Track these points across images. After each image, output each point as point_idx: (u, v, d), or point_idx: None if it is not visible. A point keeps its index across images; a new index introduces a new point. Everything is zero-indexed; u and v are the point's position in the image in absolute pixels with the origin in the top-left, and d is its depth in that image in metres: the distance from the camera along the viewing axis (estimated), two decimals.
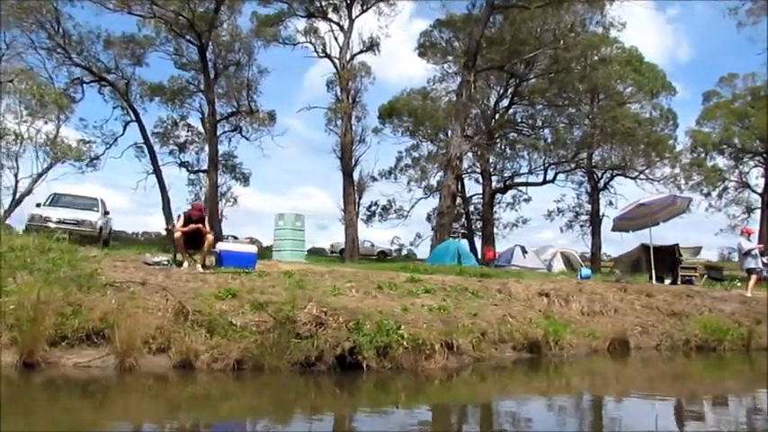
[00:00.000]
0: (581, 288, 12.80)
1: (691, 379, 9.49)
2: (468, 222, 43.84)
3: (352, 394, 6.67)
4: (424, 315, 8.88)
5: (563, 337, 9.79)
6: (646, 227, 15.43)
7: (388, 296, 9.73)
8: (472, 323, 9.22)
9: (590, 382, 8.65)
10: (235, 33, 35.78)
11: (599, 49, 36.13)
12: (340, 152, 36.83)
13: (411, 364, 7.33)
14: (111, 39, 33.87)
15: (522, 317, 10.48)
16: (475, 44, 26.88)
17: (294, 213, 23.80)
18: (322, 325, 7.20)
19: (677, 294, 12.95)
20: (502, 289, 12.14)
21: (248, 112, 36.19)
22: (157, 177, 35.52)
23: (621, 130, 35.74)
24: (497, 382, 7.94)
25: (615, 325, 11.50)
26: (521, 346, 9.40)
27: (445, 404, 6.83)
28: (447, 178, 26.52)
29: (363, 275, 11.21)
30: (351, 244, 36.22)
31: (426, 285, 10.94)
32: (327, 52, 37.07)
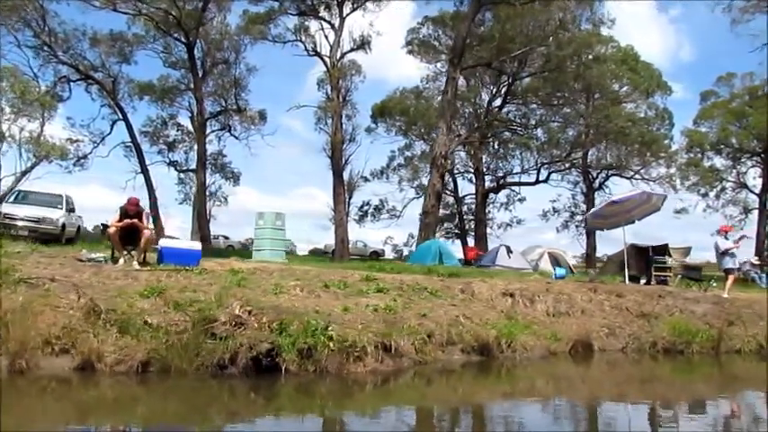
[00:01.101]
0: (548, 288, 12.35)
1: (647, 383, 9.00)
2: (461, 222, 43.39)
3: (252, 401, 6.18)
4: (365, 315, 8.46)
5: (516, 338, 9.33)
6: (620, 225, 14.98)
7: (333, 295, 9.32)
8: (419, 324, 8.80)
9: (532, 385, 8.17)
10: (224, 31, 35.42)
11: (592, 48, 35.54)
12: (330, 151, 36.49)
13: (336, 367, 6.88)
14: (97, 37, 33.57)
15: (478, 318, 10.05)
16: (461, 41, 26.44)
17: (274, 212, 23.34)
18: (241, 325, 6.77)
19: (649, 295, 12.48)
20: (465, 289, 11.71)
21: (236, 111, 35.79)
22: (145, 176, 35.20)
23: (615, 130, 35.25)
24: (428, 387, 7.47)
25: (580, 326, 11.07)
26: (470, 349, 8.96)
27: (339, 413, 6.27)
28: (432, 177, 26.05)
29: (315, 274, 10.81)
30: (341, 244, 35.73)
31: (380, 285, 10.53)
32: (318, 51, 36.66)
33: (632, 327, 11.45)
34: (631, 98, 40.79)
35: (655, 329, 11.22)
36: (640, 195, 14.52)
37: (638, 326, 11.47)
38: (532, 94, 38.84)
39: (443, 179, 27.66)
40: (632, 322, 11.60)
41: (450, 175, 43.74)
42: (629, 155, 39.51)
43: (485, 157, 41.54)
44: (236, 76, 34.90)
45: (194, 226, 37.38)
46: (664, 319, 11.57)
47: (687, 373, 10.20)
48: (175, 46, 35.92)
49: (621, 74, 40.47)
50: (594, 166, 42.41)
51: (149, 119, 38.18)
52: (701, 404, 7.66)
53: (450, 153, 26.71)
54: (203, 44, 35.17)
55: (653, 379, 9.39)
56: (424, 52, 36.32)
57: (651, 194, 14.95)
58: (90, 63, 33.60)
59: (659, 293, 12.54)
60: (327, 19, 36.40)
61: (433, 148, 26.89)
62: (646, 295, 12.45)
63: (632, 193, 15.40)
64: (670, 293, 12.65)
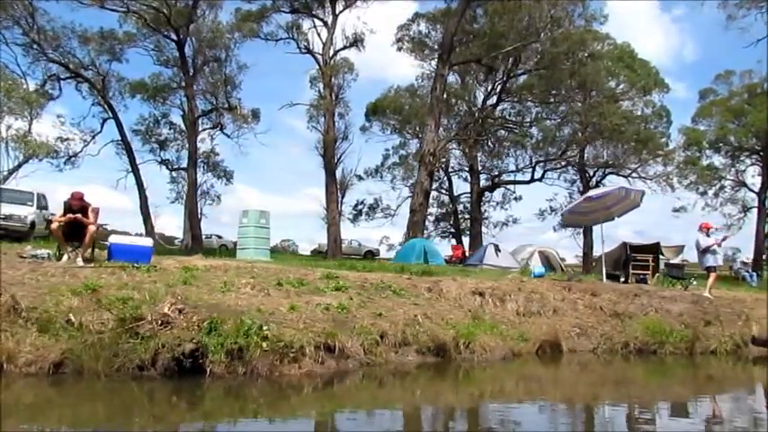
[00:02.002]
0: (521, 287, 11.98)
1: (609, 385, 8.62)
2: (455, 221, 43.03)
3: (157, 406, 5.75)
4: (312, 314, 8.11)
5: (475, 339, 8.95)
6: (598, 222, 14.61)
7: (284, 293, 8.98)
8: (372, 324, 8.45)
9: (480, 388, 7.78)
10: (215, 29, 35.10)
11: (587, 45, 35.11)
12: (322, 149, 36.20)
13: (268, 369, 6.53)
14: (87, 35, 33.31)
15: (440, 317, 9.70)
16: (450, 37, 26.08)
17: (259, 210, 23.05)
18: (168, 324, 6.42)
19: (624, 294, 12.09)
20: (432, 287, 11.35)
21: (227, 109, 35.48)
22: (135, 175, 34.97)
23: (609, 127, 34.75)
24: (362, 390, 7.01)
25: (551, 326, 10.70)
26: (426, 350, 8.59)
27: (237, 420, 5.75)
28: (420, 175, 25.70)
29: (274, 271, 10.48)
30: (333, 243, 35.43)
31: (341, 283, 10.17)
32: (310, 49, 36.35)
33: (605, 327, 11.08)
34: (628, 96, 40.38)
35: (627, 329, 10.85)
36: (618, 191, 14.12)
37: (610, 326, 11.09)
38: (527, 91, 38.49)
39: (432, 177, 27.30)
40: (605, 322, 11.23)
41: (446, 174, 43.49)
42: (625, 153, 39.00)
43: (480, 155, 41.17)
44: (226, 74, 34.48)
45: (186, 225, 37.21)
46: (638, 318, 11.19)
47: (654, 374, 9.79)
48: (167, 44, 35.60)
49: (618, 71, 40.07)
50: (591, 165, 41.93)
51: (141, 117, 38.01)
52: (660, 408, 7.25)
53: (438, 150, 26.28)
54: (194, 42, 34.85)
55: (617, 381, 9.01)
56: (418, 49, 35.98)
57: (630, 190, 14.54)
58: (79, 61, 33.36)
59: (635, 292, 12.15)
60: (320, 16, 36.20)
61: (422, 145, 26.50)
62: (621, 294, 12.06)
63: (609, 189, 15.03)
64: (646, 292, 12.25)
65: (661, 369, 10.00)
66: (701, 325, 11.14)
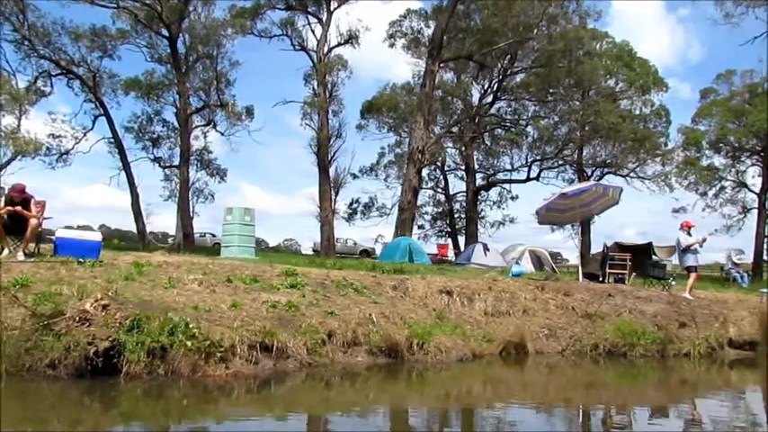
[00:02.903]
0: (491, 286, 11.62)
1: (563, 389, 8.24)
2: (451, 220, 42.63)
3: (49, 408, 5.38)
4: (255, 312, 7.78)
5: (431, 340, 8.58)
6: (575, 220, 14.22)
7: (231, 290, 8.66)
8: (321, 322, 8.11)
9: (422, 391, 7.39)
10: (208, 25, 34.79)
11: (583, 43, 34.65)
12: (316, 147, 35.90)
13: (191, 369, 6.18)
14: (78, 31, 33.07)
15: (399, 317, 9.36)
16: (440, 33, 25.72)
17: (243, 208, 22.84)
18: (87, 321, 6.09)
19: (598, 294, 11.70)
20: (398, 286, 11.04)
21: (219, 106, 35.18)
22: (126, 173, 34.66)
23: (605, 126, 34.28)
24: (286, 394, 6.56)
25: (517, 327, 10.33)
26: (378, 350, 8.22)
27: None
28: (408, 172, 25.34)
29: (231, 268, 10.14)
30: (326, 242, 35.14)
31: (298, 280, 9.85)
32: (304, 46, 36.08)
33: (575, 328, 10.70)
34: (626, 95, 39.95)
35: (598, 331, 10.46)
36: (595, 188, 13.71)
37: (581, 327, 10.72)
38: (524, 90, 38.11)
39: (421, 174, 26.93)
40: (576, 323, 10.85)
41: (442, 172, 43.15)
42: (623, 152, 38.53)
43: (476, 154, 40.79)
44: (218, 71, 34.15)
45: (178, 222, 36.92)
46: (610, 319, 10.81)
47: (618, 377, 9.39)
48: (160, 41, 35.35)
49: (616, 70, 39.65)
50: (588, 164, 41.47)
51: (134, 115, 37.74)
52: (613, 414, 6.87)
53: (427, 147, 25.90)
54: (186, 38, 34.59)
55: (577, 384, 8.63)
56: (412, 46, 35.63)
57: (608, 187, 14.14)
58: (70, 58, 33.08)
59: (610, 292, 11.76)
60: (315, 13, 35.91)
61: (411, 142, 26.15)
62: (595, 294, 11.67)
63: (584, 185, 14.65)
64: (622, 292, 11.85)
65: (628, 372, 9.61)
66: (675, 326, 10.74)
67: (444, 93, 37.68)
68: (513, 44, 30.95)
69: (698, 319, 11.14)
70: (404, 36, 32.20)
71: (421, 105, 25.78)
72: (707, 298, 13.17)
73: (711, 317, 11.36)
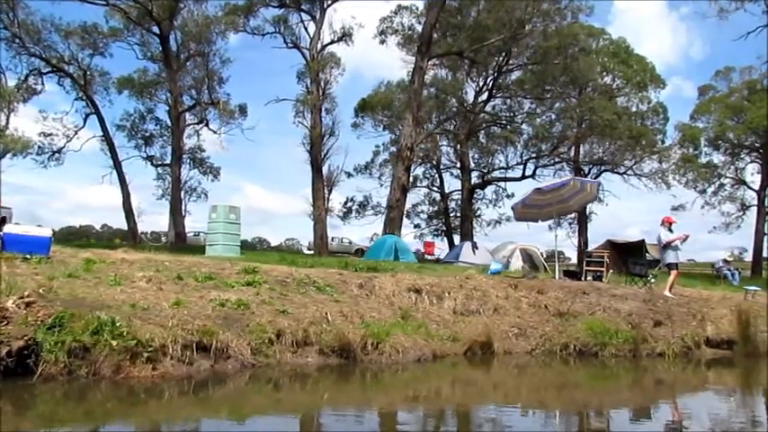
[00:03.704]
0: (462, 284, 11.29)
1: (518, 391, 7.90)
2: (446, 219, 42.30)
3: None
4: (200, 311, 7.49)
5: (388, 339, 8.25)
6: (552, 216, 13.89)
7: (179, 288, 8.37)
8: (270, 321, 7.79)
9: (367, 395, 7.04)
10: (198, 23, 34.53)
11: (578, 39, 34.27)
12: (309, 145, 35.62)
13: (114, 370, 5.87)
14: (69, 29, 32.88)
15: (359, 315, 9.04)
16: (429, 28, 25.36)
17: (228, 205, 22.56)
18: (5, 319, 5.78)
19: (573, 292, 11.35)
20: (364, 284, 10.72)
21: (210, 104, 34.92)
22: (117, 171, 34.48)
23: (600, 123, 33.87)
24: (212, 398, 6.17)
25: (487, 326, 10.01)
26: (330, 351, 7.90)
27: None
28: (397, 170, 25.00)
29: (188, 265, 9.86)
30: (319, 240, 34.85)
31: (256, 278, 9.54)
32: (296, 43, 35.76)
33: (546, 327, 10.36)
34: (623, 92, 39.54)
35: (569, 330, 10.11)
36: (572, 183, 13.35)
37: (552, 326, 10.37)
38: (518, 87, 37.74)
39: (409, 172, 26.57)
40: (548, 322, 10.51)
41: (437, 171, 42.81)
42: (619, 150, 38.11)
43: (471, 152, 40.42)
44: (208, 69, 33.90)
45: (170, 221, 36.69)
46: (583, 318, 10.45)
47: (585, 379, 9.01)
48: (153, 39, 35.11)
49: (613, 67, 39.23)
50: (585, 162, 41.07)
51: (126, 113, 37.53)
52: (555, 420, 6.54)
53: (416, 145, 25.57)
54: (177, 36, 34.37)
55: (537, 386, 8.27)
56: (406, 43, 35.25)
57: (585, 182, 13.81)
58: (60, 55, 32.89)
59: (585, 290, 11.41)
60: (308, 11, 35.58)
61: (400, 139, 25.81)
62: (569, 292, 11.32)
63: (559, 181, 14.30)
64: (597, 290, 11.50)
65: (595, 373, 9.25)
66: (649, 325, 10.38)
67: (439, 91, 37.39)
68: (506, 41, 30.60)
69: (674, 318, 10.78)
70: (395, 33, 31.81)
71: (410, 102, 25.45)
72: (689, 296, 12.81)
73: (689, 315, 10.99)
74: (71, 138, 35.00)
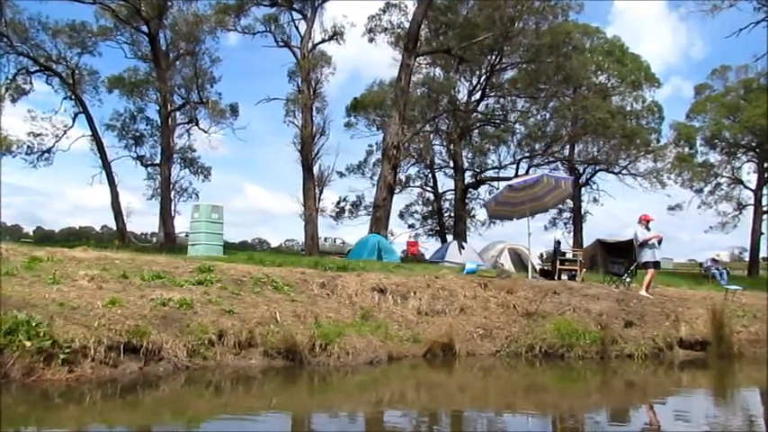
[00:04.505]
0: (429, 283, 10.97)
1: (461, 395, 7.55)
2: (440, 219, 41.94)
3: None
4: (136, 311, 7.17)
5: (338, 341, 7.93)
6: (525, 214, 13.54)
7: (122, 286, 8.07)
8: (213, 322, 7.48)
9: (300, 399, 6.69)
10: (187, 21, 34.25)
11: (571, 37, 33.91)
12: (300, 145, 35.35)
13: (25, 373, 5.55)
14: (56, 27, 32.63)
15: (313, 316, 8.71)
16: (416, 25, 24.98)
17: (210, 204, 22.27)
18: None
19: (543, 291, 11.01)
20: (326, 283, 10.41)
21: (199, 103, 34.64)
22: (106, 171, 34.20)
23: (593, 122, 33.49)
24: (116, 404, 5.74)
25: (452, 326, 9.68)
26: (276, 352, 7.57)
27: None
28: (383, 169, 24.67)
29: (139, 263, 9.54)
30: (310, 241, 34.57)
31: (209, 276, 9.23)
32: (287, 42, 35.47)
33: (513, 327, 10.04)
34: (618, 91, 39.19)
35: (536, 330, 9.77)
36: (546, 179, 12.97)
37: (520, 326, 10.04)
38: (512, 86, 37.40)
39: (396, 171, 26.21)
40: (515, 322, 10.18)
41: (430, 170, 42.46)
42: (613, 149, 37.76)
43: (465, 151, 40.06)
44: (197, 68, 33.64)
45: (160, 221, 36.39)
46: (552, 318, 10.11)
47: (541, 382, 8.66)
48: (143, 38, 34.82)
49: (607, 66, 38.90)
50: (580, 161, 40.73)
51: (116, 113, 37.24)
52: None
53: (402, 143, 25.22)
54: (166, 35, 34.10)
55: (491, 390, 7.93)
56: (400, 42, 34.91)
57: (559, 179, 13.43)
58: (47, 54, 32.63)
59: (556, 290, 11.06)
60: (300, 9, 35.29)
61: (386, 138, 25.48)
62: (540, 292, 10.98)
63: (530, 177, 13.98)
64: (569, 289, 11.15)
65: (551, 376, 8.89)
66: (620, 326, 10.04)
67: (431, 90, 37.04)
68: (497, 39, 30.27)
69: (647, 318, 10.45)
70: (384, 31, 31.47)
71: (396, 100, 25.09)
72: (669, 296, 12.47)
73: (662, 315, 10.66)
74: (60, 137, 34.73)
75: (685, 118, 42.23)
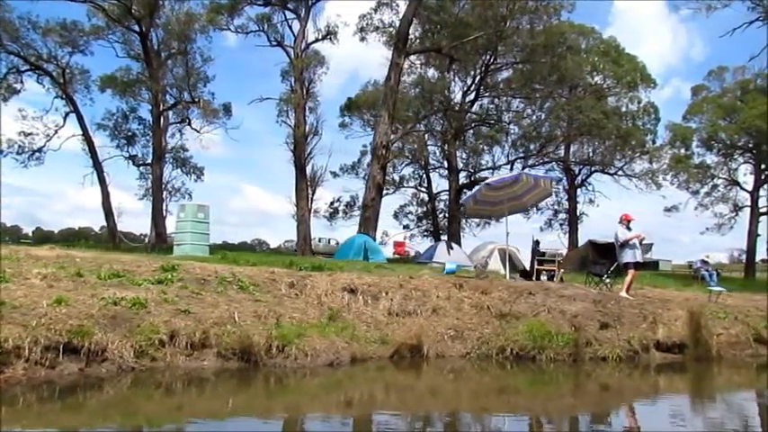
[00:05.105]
0: (402, 284, 10.73)
1: (425, 400, 7.30)
2: (434, 219, 41.71)
3: None
4: (85, 310, 6.94)
5: (298, 342, 7.69)
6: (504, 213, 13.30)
7: (73, 285, 7.84)
8: (166, 322, 7.24)
9: (239, 403, 6.42)
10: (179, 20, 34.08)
11: (565, 37, 33.69)
12: (293, 145, 35.20)
13: None
14: (48, 26, 32.44)
15: (275, 316, 8.47)
16: (406, 24, 24.81)
17: (196, 204, 22.04)
18: None
19: (519, 292, 10.76)
20: (296, 283, 10.17)
21: (191, 102, 34.44)
22: (97, 171, 33.99)
23: (587, 122, 33.24)
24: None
25: (423, 327, 9.45)
26: (231, 353, 7.33)
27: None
28: (372, 168, 24.47)
29: (101, 262, 9.34)
30: (302, 241, 34.45)
31: (171, 275, 9.00)
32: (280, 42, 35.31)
33: (485, 329, 9.78)
34: (613, 91, 38.95)
35: (508, 332, 9.51)
36: (524, 178, 12.73)
37: (492, 328, 9.79)
38: (506, 86, 37.19)
39: (385, 170, 26.02)
40: (488, 323, 9.93)
41: (425, 171, 42.25)
42: (608, 149, 37.52)
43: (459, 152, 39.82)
44: (188, 67, 33.46)
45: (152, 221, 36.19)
46: (526, 319, 9.85)
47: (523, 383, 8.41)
48: (136, 37, 34.63)
49: (603, 66, 38.64)
50: (575, 162, 40.50)
51: (109, 112, 37.01)
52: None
53: (392, 143, 25.03)
54: (158, 34, 33.94)
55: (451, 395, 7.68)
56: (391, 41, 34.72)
57: (538, 177, 13.21)
58: (38, 53, 32.44)
59: (532, 290, 10.81)
60: (294, 9, 35.15)
61: (374, 137, 25.26)
62: (515, 292, 10.73)
63: (508, 176, 13.74)
64: (546, 290, 10.90)
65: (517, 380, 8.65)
66: (594, 327, 9.78)
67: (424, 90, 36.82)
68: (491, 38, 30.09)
69: (624, 320, 10.18)
70: (375, 30, 31.26)
71: (386, 99, 24.90)
72: (650, 296, 12.23)
73: (640, 317, 10.39)
74: (51, 137, 34.54)
75: (682, 119, 41.96)
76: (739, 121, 38.12)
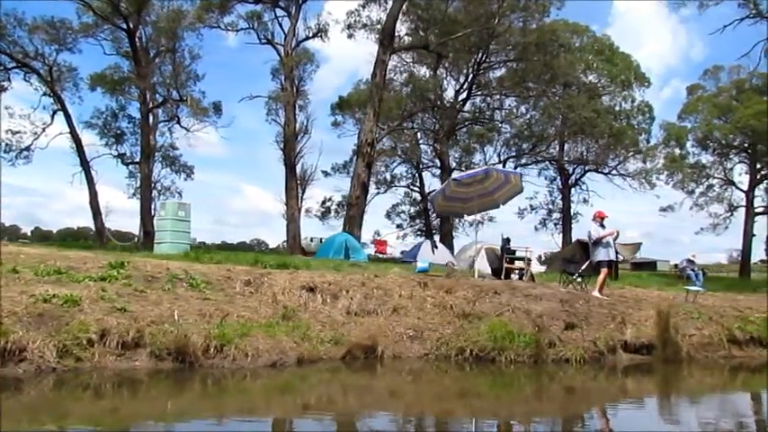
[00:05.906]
0: (365, 282, 10.42)
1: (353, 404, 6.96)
2: (426, 219, 41.40)
3: None
4: (9, 308, 6.65)
5: (237, 342, 7.36)
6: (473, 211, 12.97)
7: (4, 281, 7.50)
8: (98, 320, 6.92)
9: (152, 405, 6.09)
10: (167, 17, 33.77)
11: (557, 35, 33.39)
12: (282, 143, 34.92)
13: None
14: (34, 23, 32.15)
15: (221, 315, 8.14)
16: (392, 21, 24.51)
17: (177, 202, 21.79)
18: None
19: (483, 291, 10.42)
20: (252, 281, 9.86)
21: (179, 100, 34.14)
22: (84, 169, 33.66)
23: (578, 121, 32.92)
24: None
25: (381, 327, 9.14)
26: (166, 354, 7.01)
27: None
28: (357, 166, 24.16)
29: (46, 258, 9.04)
30: (292, 240, 34.11)
31: (117, 273, 8.69)
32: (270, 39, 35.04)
33: (446, 329, 9.45)
34: (607, 90, 38.66)
35: (469, 332, 9.17)
36: (493, 172, 12.42)
37: (453, 328, 9.46)
38: (498, 84, 36.91)
39: (370, 168, 25.70)
40: (450, 323, 9.60)
41: (417, 170, 41.97)
42: (600, 148, 37.20)
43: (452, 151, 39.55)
44: (176, 64, 33.14)
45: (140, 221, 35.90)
46: (489, 319, 9.51)
47: (450, 392, 8.05)
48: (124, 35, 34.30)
49: (596, 65, 38.36)
50: (569, 161, 40.18)
51: (97, 110, 36.72)
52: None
53: (377, 141, 24.71)
54: (146, 32, 33.61)
55: (388, 399, 7.33)
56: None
57: (508, 173, 12.91)
58: (24, 50, 32.13)
59: (497, 289, 10.47)
60: (284, 7, 34.85)
61: (360, 135, 24.95)
62: (480, 292, 10.39)
63: (474, 171, 13.42)
64: (512, 289, 10.57)
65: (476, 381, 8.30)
66: (559, 328, 9.45)
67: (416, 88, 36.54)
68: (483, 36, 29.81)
69: (592, 320, 9.85)
70: (363, 27, 30.97)
71: (371, 96, 24.61)
72: (625, 297, 11.90)
73: (609, 317, 10.05)
74: (39, 135, 34.23)
75: (677, 119, 41.63)
76: (734, 120, 37.77)
